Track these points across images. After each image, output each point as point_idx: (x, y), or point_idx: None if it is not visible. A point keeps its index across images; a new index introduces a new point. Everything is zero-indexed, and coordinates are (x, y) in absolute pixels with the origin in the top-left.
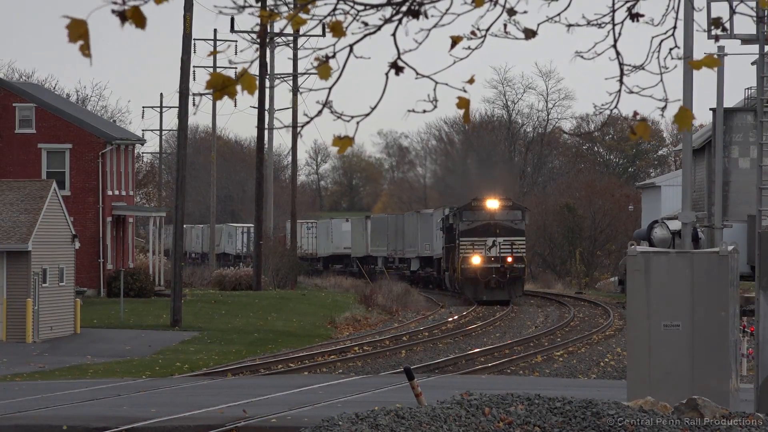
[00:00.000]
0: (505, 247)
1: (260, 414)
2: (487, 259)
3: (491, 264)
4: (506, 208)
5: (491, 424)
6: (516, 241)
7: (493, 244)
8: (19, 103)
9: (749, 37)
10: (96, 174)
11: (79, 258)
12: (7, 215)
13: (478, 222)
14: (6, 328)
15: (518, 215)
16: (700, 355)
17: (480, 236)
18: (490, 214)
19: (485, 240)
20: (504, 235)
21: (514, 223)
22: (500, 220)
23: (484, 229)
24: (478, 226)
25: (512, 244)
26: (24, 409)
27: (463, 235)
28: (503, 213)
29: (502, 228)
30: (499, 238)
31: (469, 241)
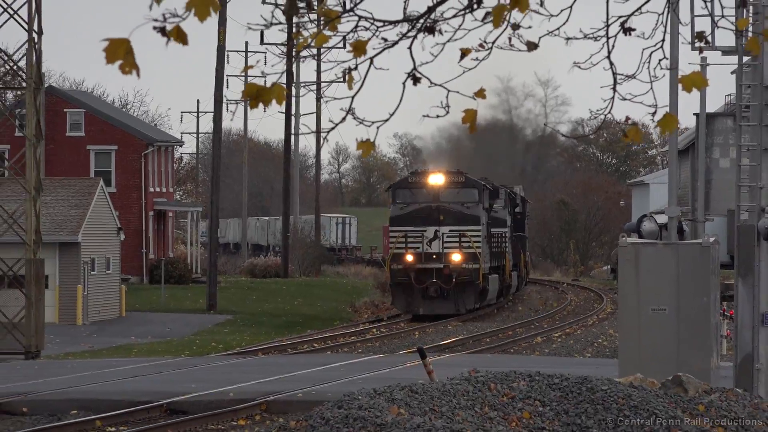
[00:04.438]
0: (451, 241)
1: (288, 389)
2: (425, 256)
3: (431, 264)
4: (456, 185)
5: (496, 398)
6: (467, 231)
7: (434, 236)
8: (70, 109)
9: (729, 48)
10: (139, 173)
11: (124, 248)
12: (59, 210)
13: (414, 205)
14: (59, 312)
15: (473, 195)
16: (685, 336)
17: (416, 225)
18: (432, 193)
19: (423, 230)
20: (450, 223)
21: (465, 206)
22: (446, 203)
23: (423, 215)
24: (413, 210)
25: (461, 236)
26: (75, 384)
27: (394, 222)
28: (451, 192)
29: (448, 213)
30: (443, 227)
31: (400, 232)
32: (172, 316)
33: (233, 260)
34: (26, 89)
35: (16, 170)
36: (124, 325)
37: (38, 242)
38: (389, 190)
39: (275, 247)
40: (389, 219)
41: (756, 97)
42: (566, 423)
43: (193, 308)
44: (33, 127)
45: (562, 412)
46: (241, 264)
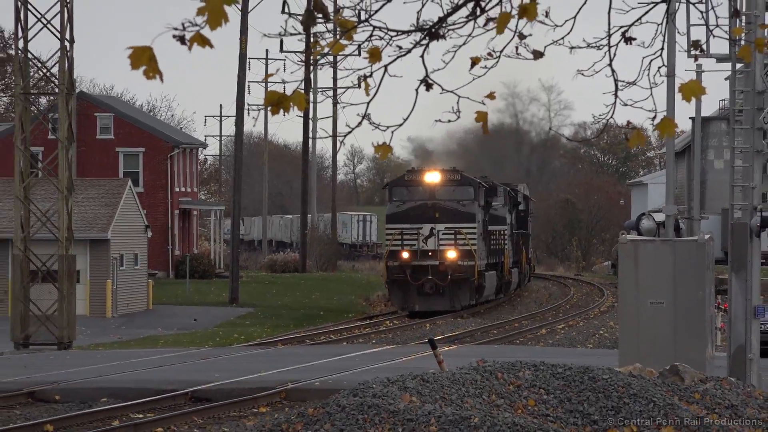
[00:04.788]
0: (447, 238)
1: (306, 378)
2: (421, 254)
3: (426, 261)
4: (451, 183)
5: (503, 386)
6: (462, 228)
7: (430, 234)
8: (100, 113)
9: (723, 56)
10: (165, 173)
11: (151, 245)
12: (90, 209)
13: (410, 202)
14: (89, 305)
15: (468, 193)
16: (681, 328)
17: (412, 222)
18: (428, 191)
19: (419, 227)
20: (446, 220)
21: (461, 203)
22: (441, 200)
23: (419, 213)
24: (409, 208)
25: (456, 233)
26: (105, 373)
27: (390, 220)
28: (447, 190)
29: (444, 211)
30: (438, 224)
31: (396, 229)
32: (197, 309)
33: (254, 256)
34: (59, 95)
35: (49, 171)
36: (151, 318)
37: (70, 239)
38: (386, 188)
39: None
40: (386, 216)
41: (748, 101)
42: (569, 410)
43: (217, 301)
44: (65, 131)
45: (566, 400)
46: (262, 260)
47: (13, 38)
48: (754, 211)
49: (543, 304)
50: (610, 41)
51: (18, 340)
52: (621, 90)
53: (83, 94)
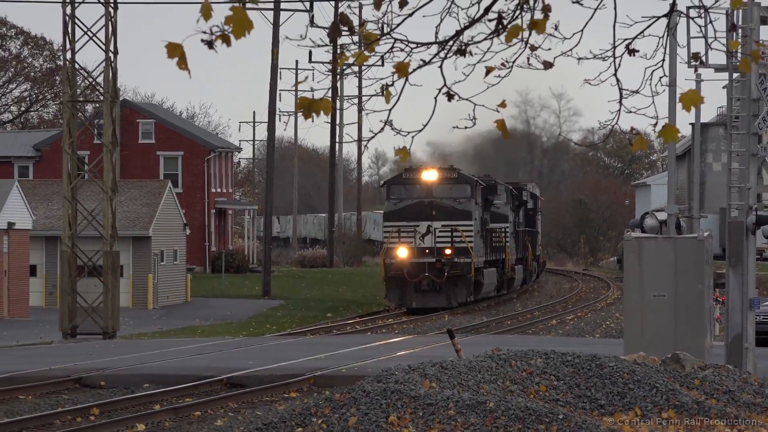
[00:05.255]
0: (444, 235)
1: (333, 365)
2: (418, 251)
3: (423, 258)
4: (448, 181)
5: (516, 373)
6: (459, 226)
7: (427, 231)
8: (142, 119)
9: (721, 66)
10: (202, 175)
11: (189, 242)
12: (132, 208)
13: (407, 200)
14: (132, 298)
15: (465, 191)
16: (682, 319)
17: (409, 220)
18: (425, 189)
19: (416, 225)
20: (443, 218)
21: (457, 201)
22: (438, 198)
23: (416, 211)
24: (406, 206)
25: (453, 231)
26: (147, 361)
27: (388, 218)
28: (444, 188)
29: (440, 209)
30: (435, 222)
31: (394, 227)
32: (232, 302)
33: (286, 252)
34: (103, 102)
35: (95, 173)
36: (189, 309)
37: (114, 236)
38: (383, 186)
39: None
40: (383, 214)
41: (744, 108)
42: (578, 395)
43: (250, 294)
44: (109, 136)
45: (575, 386)
46: (292, 255)
47: (61, 50)
48: (750, 211)
49: (553, 297)
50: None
51: (66, 330)
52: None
53: (126, 101)
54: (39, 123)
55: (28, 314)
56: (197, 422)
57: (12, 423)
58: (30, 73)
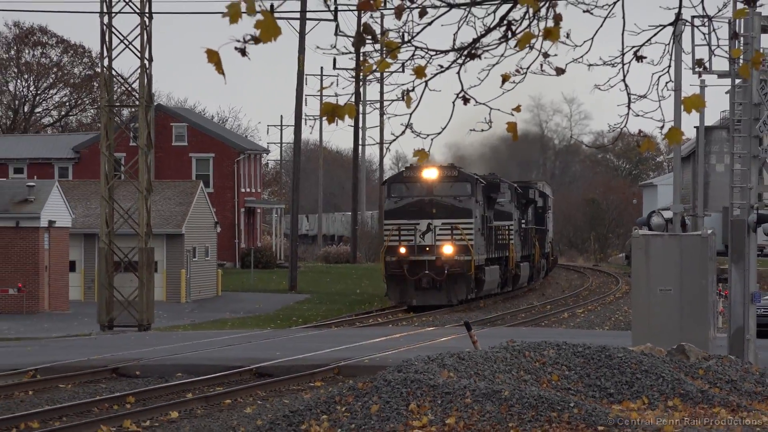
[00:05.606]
0: (444, 233)
1: (357, 356)
2: (418, 249)
3: (423, 256)
4: (449, 179)
5: (530, 363)
6: (459, 224)
7: (428, 229)
8: (175, 123)
9: (724, 72)
10: (232, 176)
11: (220, 239)
12: (166, 207)
13: (407, 199)
14: (166, 292)
15: (465, 189)
16: (687, 312)
17: (409, 218)
18: (426, 187)
19: (416, 223)
20: (442, 216)
21: (457, 200)
22: (438, 196)
23: (416, 209)
24: (407, 204)
25: (453, 229)
26: (180, 352)
27: (388, 216)
28: (444, 186)
29: (440, 207)
30: (435, 220)
31: (394, 225)
32: (260, 296)
33: (312, 249)
34: (139, 107)
35: (131, 174)
36: (220, 303)
37: (149, 234)
38: (384, 185)
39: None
40: (383, 213)
41: (746, 113)
42: (588, 384)
43: (277, 289)
44: (144, 138)
45: (585, 375)
46: (318, 252)
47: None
48: (751, 209)
49: (564, 291)
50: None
51: (104, 322)
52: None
53: (160, 106)
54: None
55: (67, 308)
56: (227, 410)
57: (53, 410)
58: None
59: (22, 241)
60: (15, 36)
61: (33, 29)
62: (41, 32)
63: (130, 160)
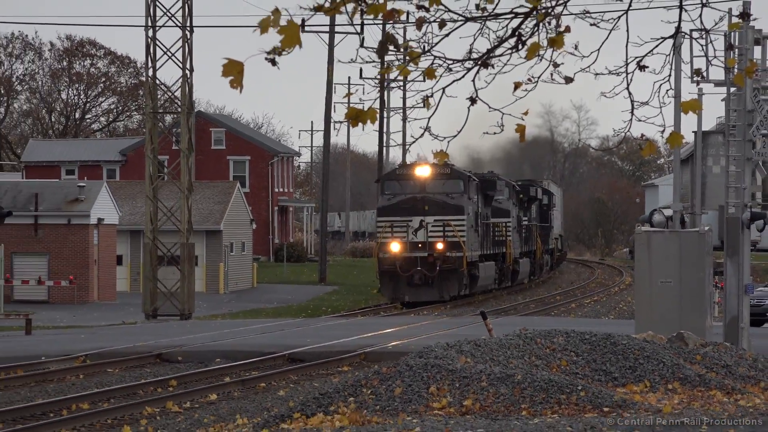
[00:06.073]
0: (436, 230)
1: (381, 343)
2: (411, 245)
3: (415, 252)
4: (441, 176)
5: (541, 350)
6: (451, 221)
7: (420, 226)
8: (214, 128)
9: (720, 81)
10: (267, 177)
11: (255, 235)
12: (205, 206)
13: (401, 196)
14: (205, 283)
15: (458, 186)
16: (686, 302)
17: (402, 215)
18: (419, 184)
19: (409, 220)
20: (435, 213)
21: (450, 197)
22: (431, 194)
23: (408, 206)
24: (399, 201)
25: (445, 226)
26: (218, 339)
27: (381, 213)
28: (437, 183)
29: (433, 204)
30: (428, 217)
31: (387, 222)
32: (292, 287)
33: (340, 244)
34: (180, 113)
35: (173, 175)
36: (255, 294)
37: (190, 230)
38: (378, 182)
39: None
40: (377, 210)
41: (740, 118)
42: (594, 369)
43: (308, 281)
44: (186, 142)
45: (592, 361)
46: (345, 247)
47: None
48: (745, 208)
49: (573, 282)
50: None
51: (148, 312)
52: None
53: (200, 112)
54: (125, 131)
55: (115, 298)
56: (262, 392)
57: (102, 393)
58: (117, 88)
59: (74, 237)
60: (67, 48)
61: (83, 42)
62: (90, 45)
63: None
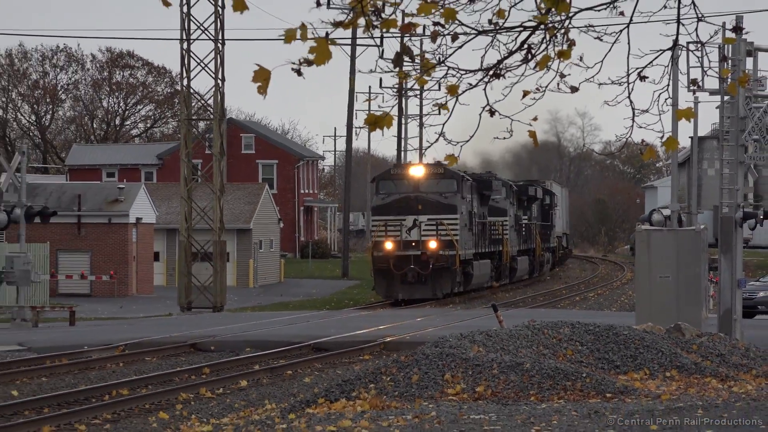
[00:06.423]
0: (429, 229)
1: (400, 333)
2: (404, 244)
3: (409, 251)
4: (435, 176)
5: (548, 339)
6: (444, 220)
7: (413, 225)
8: (244, 134)
9: (715, 90)
10: (293, 179)
11: (282, 233)
12: (236, 206)
13: (394, 195)
14: (236, 278)
15: (451, 186)
16: (683, 296)
17: (396, 214)
18: (412, 184)
19: (402, 219)
20: (428, 212)
21: (443, 196)
22: (424, 193)
23: (402, 205)
24: (393, 200)
25: (438, 225)
26: (248, 330)
27: (376, 212)
28: (430, 183)
29: (426, 203)
30: (421, 216)
31: (381, 221)
32: (316, 282)
33: (361, 241)
34: (213, 120)
35: (206, 178)
36: (282, 288)
37: (222, 229)
38: (373, 182)
39: None
40: (371, 209)
41: (733, 125)
42: (598, 358)
43: (332, 275)
44: (218, 147)
45: (595, 350)
46: (366, 244)
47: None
48: (738, 208)
49: (578, 277)
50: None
51: (183, 304)
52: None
53: (232, 119)
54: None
55: (152, 292)
56: (289, 379)
57: (140, 380)
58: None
59: (114, 235)
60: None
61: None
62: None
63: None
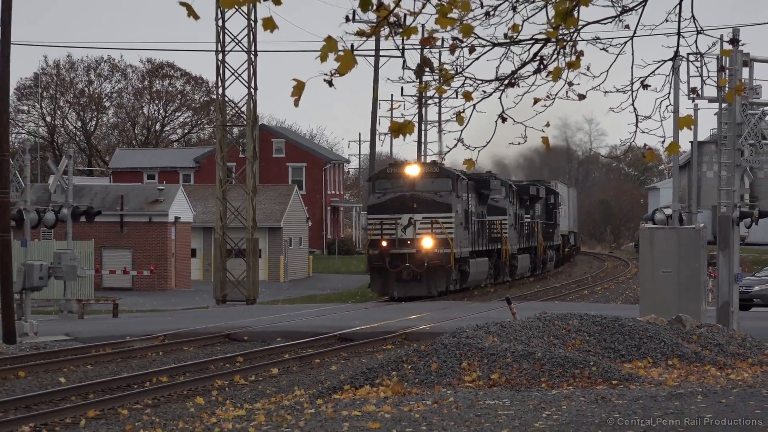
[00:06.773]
0: (424, 227)
1: (420, 325)
2: (399, 242)
3: (404, 249)
4: (430, 175)
5: (558, 330)
6: (439, 218)
7: (408, 223)
8: (275, 139)
9: (713, 98)
10: (321, 181)
11: (311, 231)
12: (267, 206)
13: (390, 194)
14: (268, 273)
15: (446, 185)
16: (683, 289)
17: (391, 212)
18: (408, 183)
19: (398, 217)
20: (423, 210)
21: (438, 195)
22: (420, 192)
23: (397, 204)
24: (389, 199)
25: (433, 223)
26: (279, 321)
27: (372, 211)
28: (425, 182)
29: (421, 202)
30: (416, 214)
31: (377, 220)
32: (342, 276)
33: None
34: (246, 126)
35: (240, 180)
36: (310, 282)
37: (254, 227)
38: (369, 181)
39: None
40: (367, 207)
41: (731, 130)
42: (605, 347)
43: (357, 271)
44: (251, 151)
45: (602, 340)
46: None
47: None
48: (735, 208)
49: (585, 272)
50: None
51: (218, 298)
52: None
53: (264, 125)
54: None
55: (189, 286)
56: (317, 367)
57: (178, 368)
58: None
59: (154, 233)
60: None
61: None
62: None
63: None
